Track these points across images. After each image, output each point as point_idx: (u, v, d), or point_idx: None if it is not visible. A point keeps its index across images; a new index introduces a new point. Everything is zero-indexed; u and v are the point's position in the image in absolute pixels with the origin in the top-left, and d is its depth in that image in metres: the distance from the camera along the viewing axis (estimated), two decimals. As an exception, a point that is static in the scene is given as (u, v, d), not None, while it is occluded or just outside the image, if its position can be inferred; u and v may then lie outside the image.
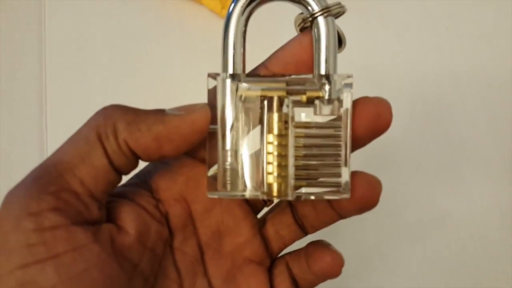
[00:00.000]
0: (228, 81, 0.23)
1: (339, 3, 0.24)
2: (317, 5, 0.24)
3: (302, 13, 0.25)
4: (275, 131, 0.23)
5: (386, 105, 0.23)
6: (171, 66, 0.42)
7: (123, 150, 0.21)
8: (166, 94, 0.40)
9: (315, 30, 0.24)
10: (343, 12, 0.24)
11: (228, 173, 0.23)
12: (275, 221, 0.26)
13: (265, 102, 0.23)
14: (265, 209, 0.27)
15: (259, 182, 0.23)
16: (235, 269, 0.26)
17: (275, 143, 0.23)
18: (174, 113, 0.22)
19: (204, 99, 0.24)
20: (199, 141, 0.23)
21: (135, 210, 0.23)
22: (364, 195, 0.23)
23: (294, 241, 0.27)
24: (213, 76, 0.23)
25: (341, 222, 0.26)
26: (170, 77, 0.41)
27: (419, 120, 0.42)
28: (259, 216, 0.27)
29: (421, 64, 0.43)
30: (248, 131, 0.24)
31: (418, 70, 0.43)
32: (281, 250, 0.27)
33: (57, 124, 0.40)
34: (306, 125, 0.23)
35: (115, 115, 0.22)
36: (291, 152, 0.23)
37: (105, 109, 0.22)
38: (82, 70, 0.42)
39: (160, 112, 0.22)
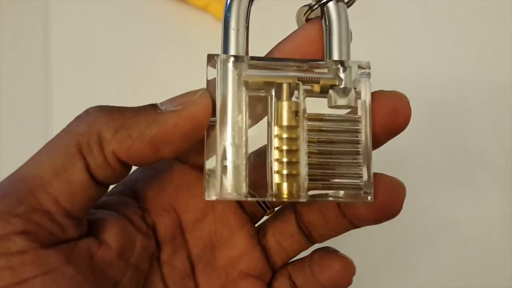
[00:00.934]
0: (230, 63, 0.20)
1: None
2: None
3: (305, 5, 0.22)
4: (284, 122, 0.20)
5: (404, 99, 0.21)
6: (176, 72, 0.41)
7: (110, 162, 0.18)
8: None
9: (326, 17, 0.21)
10: (354, 1, 0.22)
11: (229, 172, 0.20)
12: (276, 231, 0.24)
13: (273, 90, 0.20)
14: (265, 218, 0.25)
15: (265, 182, 0.20)
16: (230, 284, 0.23)
17: (285, 136, 0.20)
18: (170, 109, 0.19)
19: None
20: (201, 136, 0.20)
21: (120, 222, 0.21)
22: (386, 201, 0.21)
23: (298, 252, 0.24)
24: (213, 58, 0.20)
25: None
26: (176, 83, 0.39)
27: (425, 127, 0.41)
28: (259, 224, 0.24)
29: (426, 70, 0.42)
30: (253, 123, 0.21)
31: (422, 77, 0.42)
32: (284, 263, 0.24)
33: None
34: (320, 118, 0.20)
35: (99, 121, 0.18)
36: (303, 147, 0.20)
37: (87, 114, 0.19)
38: (88, 76, 0.41)
39: (152, 110, 0.19)
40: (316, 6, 0.22)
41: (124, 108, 0.19)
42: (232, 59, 0.20)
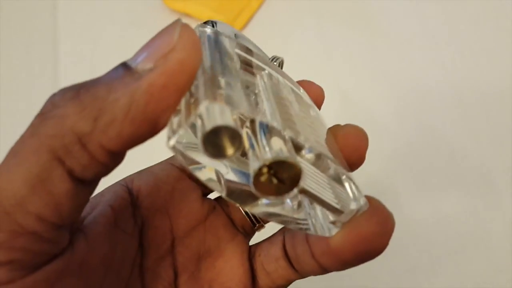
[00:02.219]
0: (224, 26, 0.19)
1: (275, 56, 0.24)
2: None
3: None
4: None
5: (366, 139, 0.19)
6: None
7: (100, 158, 0.15)
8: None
9: None
10: (282, 62, 0.24)
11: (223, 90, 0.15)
12: (262, 251, 0.21)
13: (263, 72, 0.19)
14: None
15: None
16: None
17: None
18: (148, 66, 0.15)
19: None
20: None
21: (110, 221, 0.19)
22: (374, 230, 0.16)
23: (287, 281, 0.21)
24: (208, 24, 0.19)
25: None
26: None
27: (423, 133, 0.41)
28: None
29: (424, 79, 0.43)
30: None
31: (421, 86, 0.43)
32: None
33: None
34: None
35: (70, 114, 0.14)
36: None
37: (52, 106, 0.15)
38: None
39: (128, 75, 0.15)
40: None
41: (92, 84, 0.15)
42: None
